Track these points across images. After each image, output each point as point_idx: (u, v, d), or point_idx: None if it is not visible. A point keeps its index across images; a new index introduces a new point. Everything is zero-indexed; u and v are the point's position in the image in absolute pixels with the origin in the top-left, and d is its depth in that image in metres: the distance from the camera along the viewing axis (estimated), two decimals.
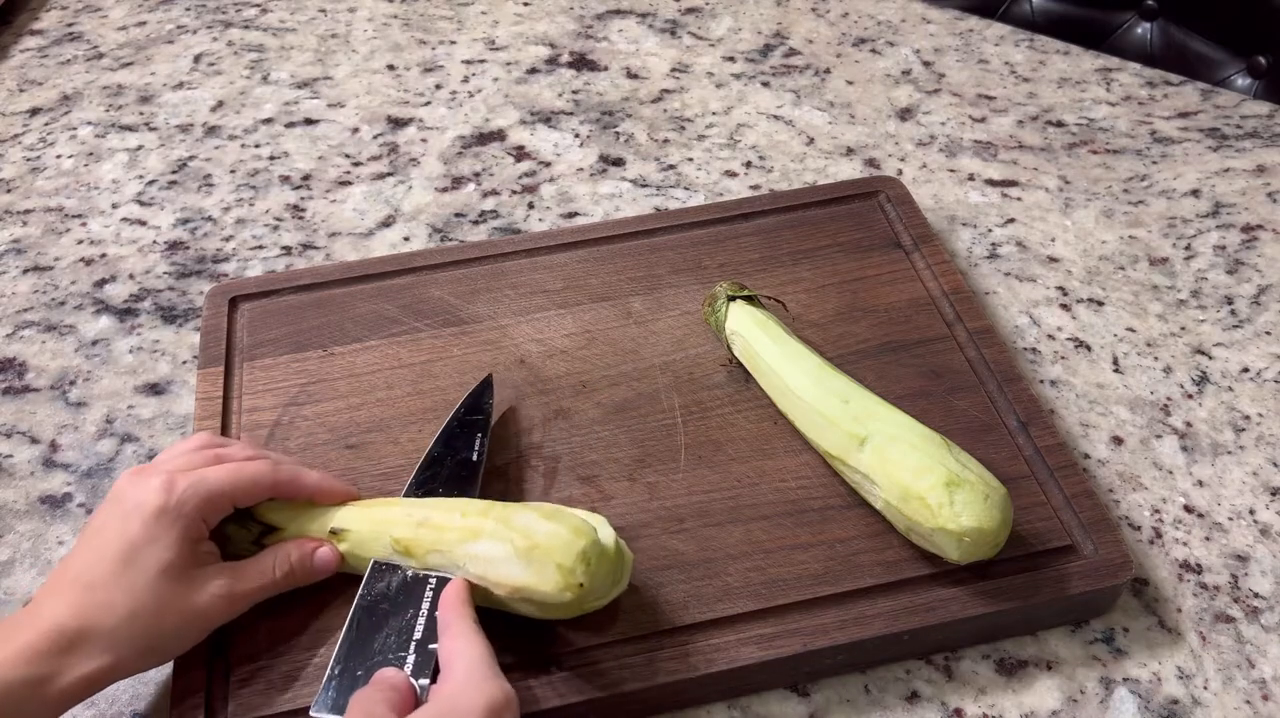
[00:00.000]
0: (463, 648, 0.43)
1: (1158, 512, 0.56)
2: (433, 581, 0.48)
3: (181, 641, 0.46)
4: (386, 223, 0.75)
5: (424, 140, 0.82)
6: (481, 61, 0.90)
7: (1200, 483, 0.58)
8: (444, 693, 0.42)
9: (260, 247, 0.74)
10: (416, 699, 0.43)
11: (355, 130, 0.83)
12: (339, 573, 0.50)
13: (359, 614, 0.47)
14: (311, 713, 0.44)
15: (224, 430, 0.58)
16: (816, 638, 0.48)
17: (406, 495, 0.52)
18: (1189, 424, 0.60)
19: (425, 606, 0.47)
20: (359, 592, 0.48)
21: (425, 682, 0.44)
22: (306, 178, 0.79)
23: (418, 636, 0.46)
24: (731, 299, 0.60)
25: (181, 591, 0.45)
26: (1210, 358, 0.64)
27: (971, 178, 0.77)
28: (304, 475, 0.51)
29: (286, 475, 0.50)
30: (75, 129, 0.85)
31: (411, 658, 0.45)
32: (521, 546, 0.45)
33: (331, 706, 0.44)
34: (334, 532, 0.50)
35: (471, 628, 0.44)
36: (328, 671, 0.45)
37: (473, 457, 0.54)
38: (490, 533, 0.46)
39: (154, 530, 0.45)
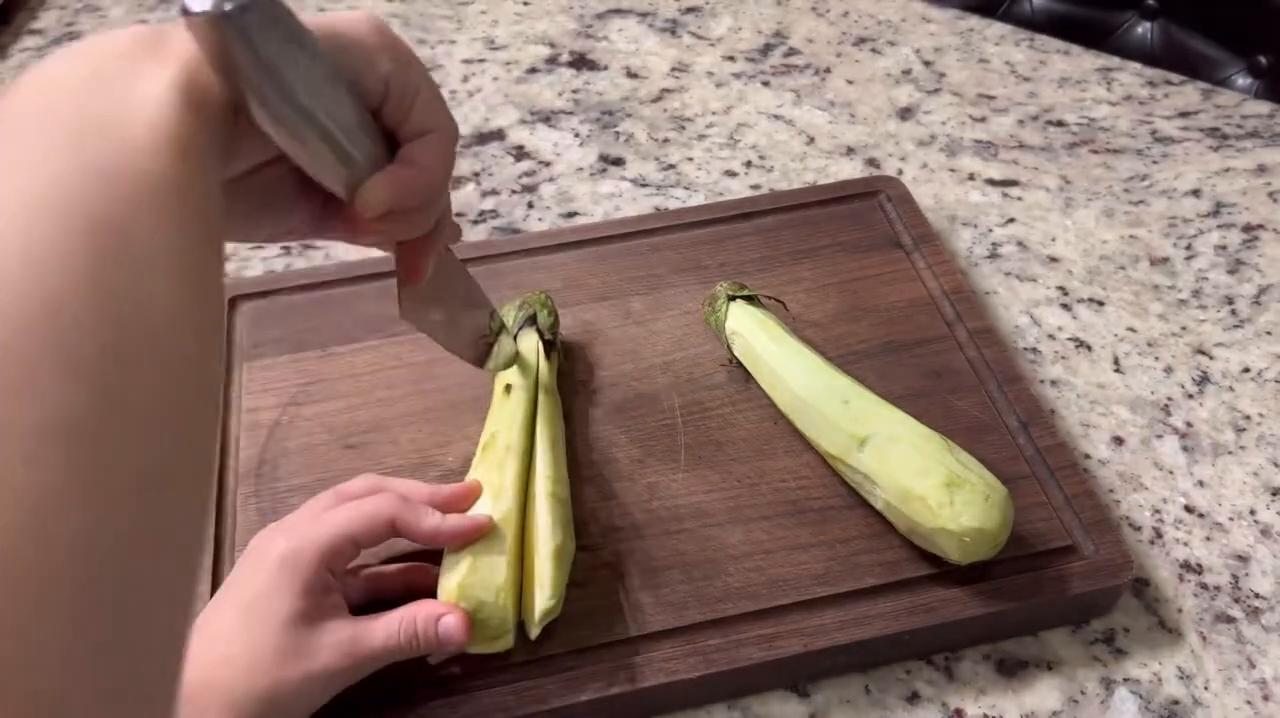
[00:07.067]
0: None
1: (1158, 512, 0.56)
2: None
3: (302, 699, 0.42)
4: None
5: None
6: (481, 61, 0.90)
7: (1201, 483, 0.58)
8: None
9: (259, 246, 0.73)
10: None
11: None
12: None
13: None
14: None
15: (223, 430, 0.58)
16: (817, 639, 0.48)
17: None
18: (1190, 424, 0.60)
19: None
20: None
21: None
22: None
23: None
24: (732, 299, 0.60)
25: (302, 643, 0.42)
26: (1211, 358, 0.64)
27: (972, 177, 0.77)
28: (424, 520, 0.46)
29: (410, 514, 0.46)
30: None
31: None
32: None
33: None
34: None
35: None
36: None
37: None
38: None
39: (276, 580, 0.43)
